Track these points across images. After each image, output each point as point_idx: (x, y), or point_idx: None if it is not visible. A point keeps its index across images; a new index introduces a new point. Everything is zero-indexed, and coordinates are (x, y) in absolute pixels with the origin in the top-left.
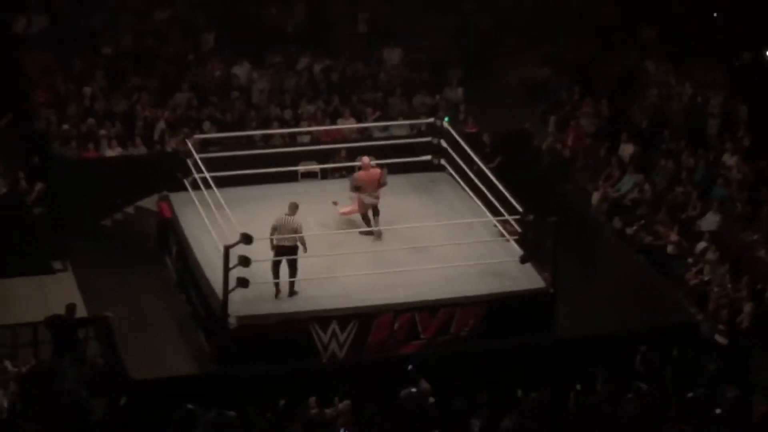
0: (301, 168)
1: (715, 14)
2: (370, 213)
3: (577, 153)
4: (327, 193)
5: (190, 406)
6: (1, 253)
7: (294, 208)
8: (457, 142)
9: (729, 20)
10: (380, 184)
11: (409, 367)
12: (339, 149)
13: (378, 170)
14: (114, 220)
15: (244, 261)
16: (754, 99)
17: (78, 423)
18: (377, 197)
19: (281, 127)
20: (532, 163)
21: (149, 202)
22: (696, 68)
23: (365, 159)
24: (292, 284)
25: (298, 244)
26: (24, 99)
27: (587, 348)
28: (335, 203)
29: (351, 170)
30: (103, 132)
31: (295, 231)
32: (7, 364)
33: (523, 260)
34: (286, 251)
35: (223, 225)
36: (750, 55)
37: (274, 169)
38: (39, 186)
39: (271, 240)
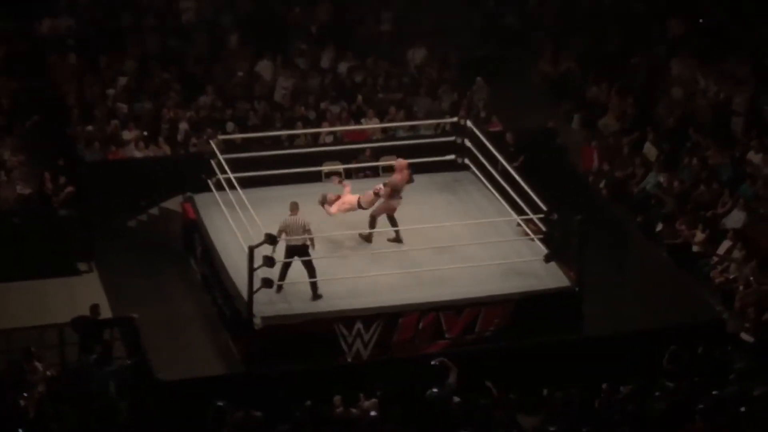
0: (325, 168)
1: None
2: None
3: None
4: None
5: (220, 403)
6: (28, 255)
7: (295, 207)
8: (481, 141)
9: (757, 16)
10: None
11: (433, 362)
12: (363, 149)
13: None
14: (139, 221)
15: (269, 261)
16: None
17: (106, 424)
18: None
19: (305, 127)
20: (556, 161)
21: (173, 203)
22: (723, 65)
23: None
24: (314, 286)
25: (308, 242)
26: (50, 101)
27: (614, 346)
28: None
29: (375, 170)
30: (127, 133)
31: (305, 229)
32: (38, 365)
33: (548, 259)
34: (297, 251)
35: (248, 225)
36: None
37: (298, 169)
38: (68, 188)
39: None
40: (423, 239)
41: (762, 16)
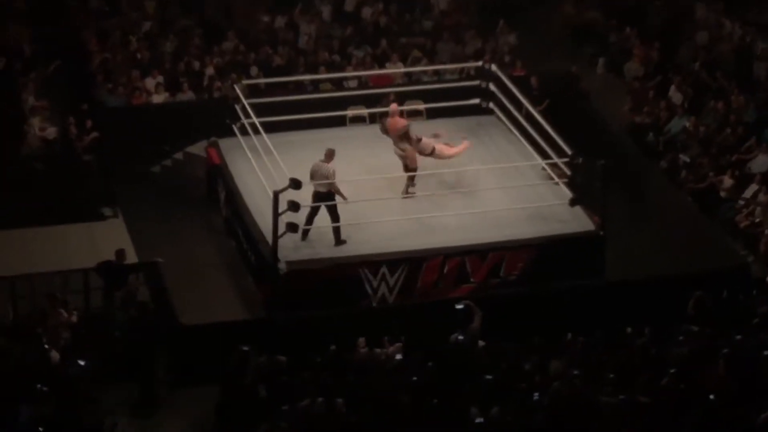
0: (350, 113)
1: None
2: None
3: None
4: (375, 138)
5: (245, 347)
6: (52, 200)
7: (329, 155)
8: (505, 85)
9: None
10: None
11: (458, 305)
12: (387, 93)
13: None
14: (163, 166)
15: (294, 206)
16: None
17: (129, 368)
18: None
19: (329, 72)
20: (579, 106)
21: (198, 148)
22: (748, 9)
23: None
24: (337, 231)
25: (333, 190)
26: (72, 46)
27: (638, 291)
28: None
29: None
30: (150, 80)
31: (326, 178)
32: (62, 311)
33: (573, 203)
34: (321, 197)
35: (272, 170)
36: None
37: (323, 113)
38: (93, 134)
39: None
40: (447, 183)
41: None
